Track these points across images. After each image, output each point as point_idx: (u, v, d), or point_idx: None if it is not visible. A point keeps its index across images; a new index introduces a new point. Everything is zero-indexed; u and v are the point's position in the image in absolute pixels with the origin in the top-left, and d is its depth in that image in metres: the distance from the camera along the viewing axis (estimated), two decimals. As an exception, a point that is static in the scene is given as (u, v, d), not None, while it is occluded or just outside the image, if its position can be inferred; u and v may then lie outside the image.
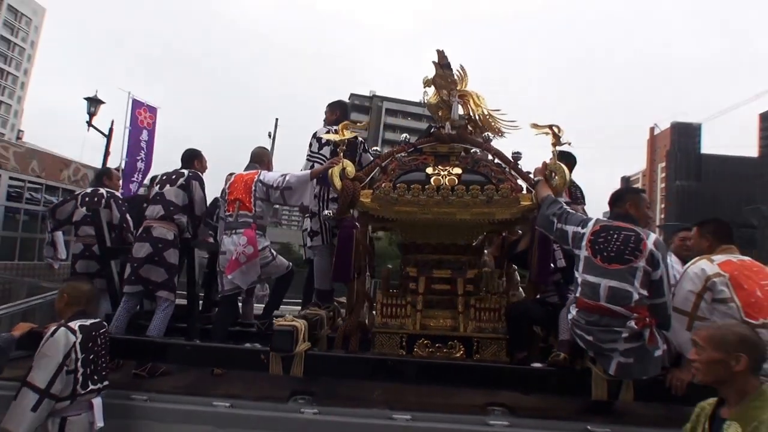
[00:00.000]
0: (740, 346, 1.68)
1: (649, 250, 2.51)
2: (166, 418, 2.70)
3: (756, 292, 2.47)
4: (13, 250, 3.77)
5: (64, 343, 2.22)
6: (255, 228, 3.30)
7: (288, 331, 2.69)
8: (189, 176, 3.53)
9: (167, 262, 3.31)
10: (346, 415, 2.66)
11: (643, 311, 2.48)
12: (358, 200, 3.20)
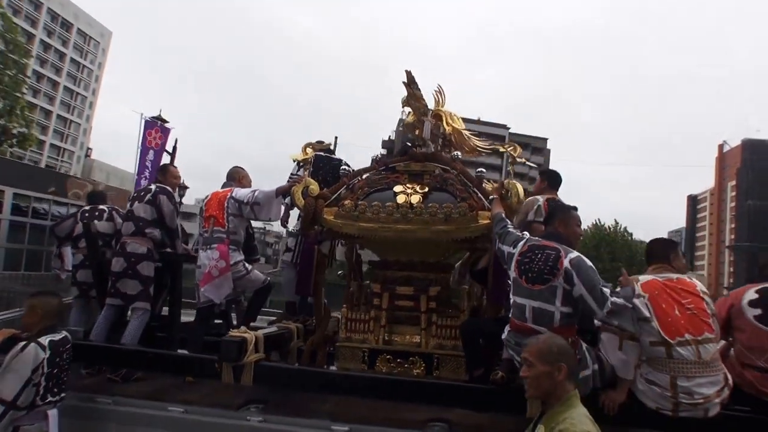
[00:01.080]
0: (561, 356, 1.81)
1: (564, 267, 2.51)
2: (125, 421, 2.95)
3: (674, 311, 2.47)
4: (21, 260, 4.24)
5: (34, 358, 2.39)
6: (228, 243, 3.52)
7: (236, 341, 2.87)
8: (156, 191, 3.78)
9: (141, 275, 3.58)
10: (288, 424, 2.79)
11: (568, 331, 2.48)
12: (321, 217, 3.37)
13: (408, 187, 3.49)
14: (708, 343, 2.42)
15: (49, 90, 60.66)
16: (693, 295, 2.52)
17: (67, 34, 62.43)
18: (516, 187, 3.15)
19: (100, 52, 68.02)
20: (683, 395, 2.39)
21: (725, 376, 2.45)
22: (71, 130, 66.01)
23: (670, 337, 2.43)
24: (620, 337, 2.55)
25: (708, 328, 2.44)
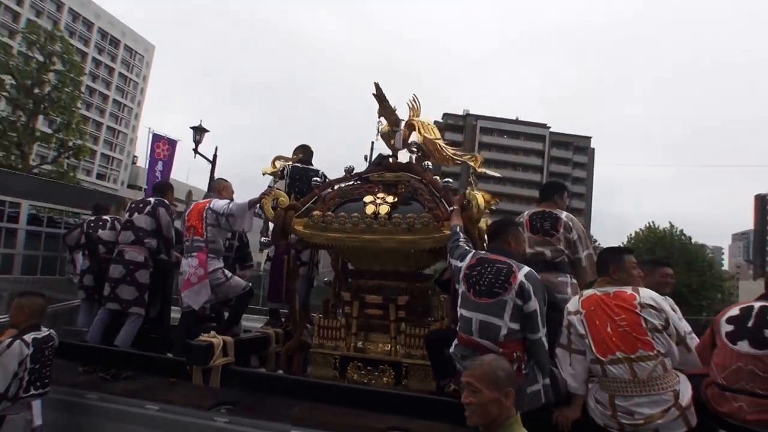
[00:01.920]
0: (508, 381, 1.75)
1: (519, 282, 2.54)
2: (108, 417, 3.24)
3: (606, 328, 2.43)
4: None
5: (18, 354, 2.69)
6: (207, 252, 3.78)
7: (202, 346, 3.11)
8: (155, 203, 4.11)
9: (138, 281, 3.90)
10: (251, 426, 2.97)
11: (514, 346, 2.52)
12: (291, 227, 3.58)
13: (378, 197, 3.65)
14: (645, 361, 2.34)
15: (99, 103, 64.33)
16: (627, 310, 2.43)
17: (115, 51, 66.42)
18: (477, 197, 3.24)
19: (144, 65, 71.92)
20: (622, 414, 2.36)
21: (676, 395, 2.34)
22: (119, 139, 69.75)
23: (602, 355, 2.40)
24: (569, 351, 2.60)
25: (644, 345, 2.35)
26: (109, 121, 66.94)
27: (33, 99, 24.95)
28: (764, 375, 2.32)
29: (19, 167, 24.73)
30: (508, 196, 66.41)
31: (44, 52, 25.28)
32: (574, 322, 2.54)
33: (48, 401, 3.30)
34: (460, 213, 3.20)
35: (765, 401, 2.27)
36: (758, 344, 2.36)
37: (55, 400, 3.34)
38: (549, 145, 68.01)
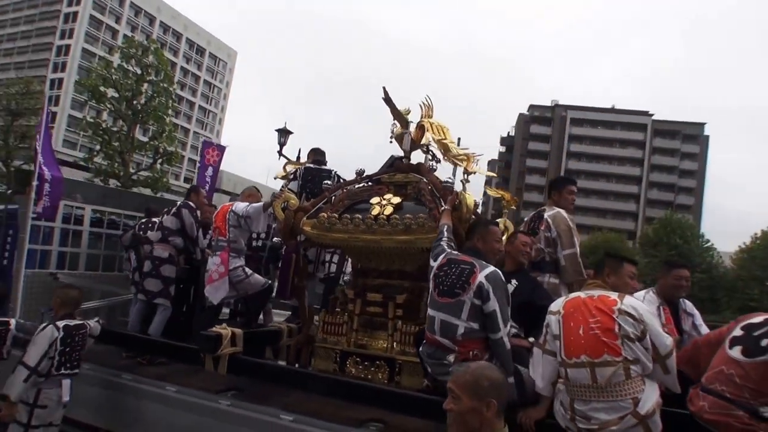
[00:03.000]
0: (492, 391, 1.69)
1: (478, 283, 2.69)
2: (136, 395, 3.83)
3: (579, 330, 2.49)
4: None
5: (50, 336, 3.28)
6: (229, 251, 4.28)
7: (212, 336, 3.58)
8: (180, 206, 4.71)
9: (163, 275, 4.51)
10: (247, 409, 3.39)
11: (471, 345, 2.69)
12: (300, 228, 3.96)
13: (384, 199, 3.94)
14: (607, 367, 2.38)
15: (186, 110, 70.08)
16: (604, 313, 2.47)
17: (201, 59, 72.10)
18: (466, 198, 3.42)
19: (227, 71, 77.41)
20: (580, 419, 2.43)
21: (635, 402, 2.36)
22: (204, 145, 75.35)
23: (567, 357, 2.49)
24: (542, 351, 2.70)
25: (610, 351, 2.39)
26: (195, 127, 72.70)
27: (132, 110, 28.05)
28: (740, 382, 2.32)
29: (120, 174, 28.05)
30: (601, 193, 63.00)
31: (140, 65, 28.33)
32: (552, 323, 2.63)
33: (93, 378, 4.00)
34: (450, 213, 3.39)
35: (726, 404, 2.29)
36: (749, 353, 2.36)
37: (99, 378, 4.04)
38: (651, 135, 63.28)
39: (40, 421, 3.29)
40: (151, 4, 65.60)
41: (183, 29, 69.20)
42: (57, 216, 4.86)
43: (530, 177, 64.99)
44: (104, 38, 60.45)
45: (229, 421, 3.41)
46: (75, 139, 53.98)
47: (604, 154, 64.30)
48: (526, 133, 66.06)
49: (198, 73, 72.52)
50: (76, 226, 5.25)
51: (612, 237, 38.80)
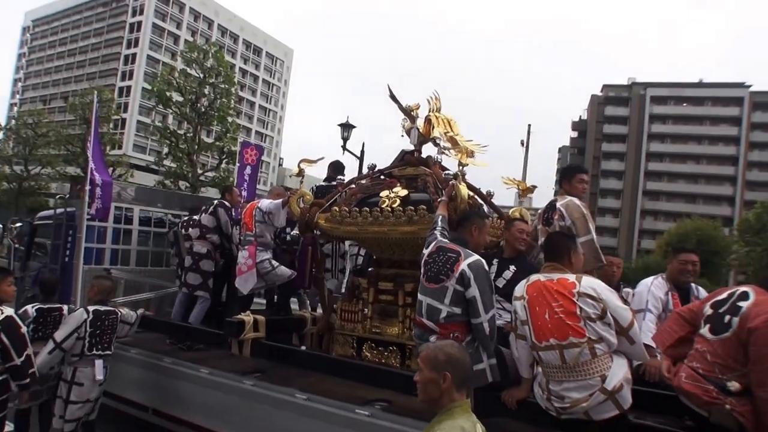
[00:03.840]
0: (447, 365, 1.87)
1: (460, 270, 2.96)
2: (175, 376, 4.42)
3: (544, 315, 2.69)
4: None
5: (79, 318, 3.87)
6: (256, 245, 4.78)
7: (235, 322, 4.08)
8: (216, 205, 5.28)
9: (202, 269, 5.09)
10: (266, 389, 3.85)
11: (452, 327, 2.97)
12: (315, 222, 4.38)
13: (393, 192, 4.28)
14: (573, 348, 2.58)
15: (247, 110, 73.27)
16: (565, 297, 2.65)
17: (258, 59, 75.25)
18: (460, 190, 3.69)
19: (284, 69, 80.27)
20: (555, 398, 2.68)
21: (603, 379, 2.56)
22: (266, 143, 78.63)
23: (538, 341, 2.70)
24: (515, 335, 2.96)
25: (575, 333, 2.58)
26: (257, 126, 75.88)
27: (196, 112, 29.94)
28: (710, 359, 2.49)
29: (189, 175, 30.15)
30: (689, 176, 59.34)
31: (202, 68, 30.13)
32: (518, 308, 2.87)
33: (139, 362, 4.65)
34: (447, 204, 3.67)
35: (700, 379, 2.47)
36: (715, 331, 2.52)
37: (144, 362, 4.68)
38: (749, 109, 58.55)
39: (77, 397, 3.90)
40: (209, 8, 69.19)
41: (239, 31, 72.54)
42: (109, 217, 5.59)
43: (607, 162, 62.36)
44: (167, 44, 64.55)
45: (252, 399, 3.90)
46: (144, 143, 58.07)
47: (692, 134, 60.40)
48: (601, 115, 63.23)
49: (256, 72, 75.71)
50: (126, 225, 5.99)
51: (704, 224, 36.27)
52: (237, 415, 3.98)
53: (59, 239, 5.56)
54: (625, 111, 62.65)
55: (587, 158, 62.61)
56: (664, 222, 54.53)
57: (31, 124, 39.32)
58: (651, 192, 60.27)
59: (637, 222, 59.70)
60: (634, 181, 60.38)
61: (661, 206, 59.52)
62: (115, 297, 5.30)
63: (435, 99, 4.54)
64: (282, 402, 3.73)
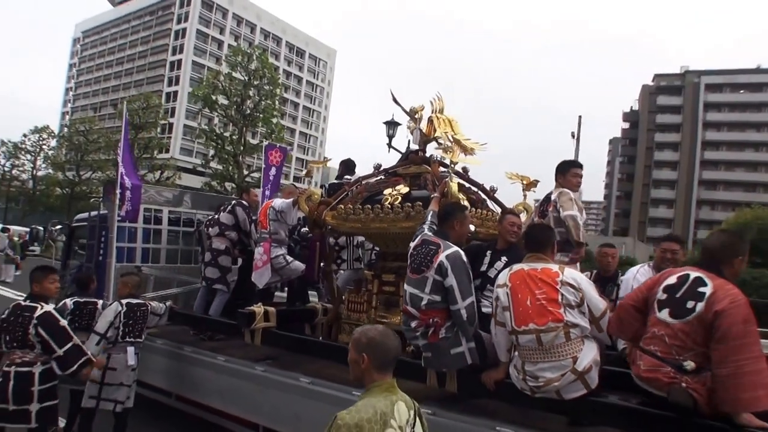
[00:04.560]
0: (367, 348, 2.00)
1: (439, 261, 3.18)
2: (193, 363, 4.81)
3: (526, 301, 2.88)
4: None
5: (115, 310, 4.33)
6: (270, 242, 5.11)
7: (246, 313, 4.41)
8: (234, 204, 5.62)
9: (220, 264, 5.45)
10: (275, 374, 4.17)
11: (432, 313, 3.19)
12: (323, 219, 4.66)
13: (395, 189, 4.51)
14: (550, 332, 2.79)
15: (291, 111, 74.91)
16: (548, 285, 2.85)
17: (301, 60, 76.83)
18: (451, 186, 3.88)
19: (328, 70, 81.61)
20: (529, 378, 2.88)
21: (574, 360, 2.78)
22: (311, 143, 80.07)
23: (517, 326, 2.89)
24: (495, 322, 3.15)
25: (553, 318, 2.79)
26: (301, 127, 77.40)
27: (241, 114, 30.89)
28: (668, 341, 2.61)
29: (235, 176, 31.21)
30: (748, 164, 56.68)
31: (246, 71, 31.02)
32: (500, 295, 3.05)
33: (164, 351, 5.06)
34: (438, 200, 3.88)
35: (657, 362, 2.59)
36: (676, 315, 2.63)
37: (168, 351, 5.09)
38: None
39: (111, 381, 4.32)
40: (251, 13, 71.09)
41: (282, 33, 74.24)
42: (139, 218, 6.06)
43: (660, 153, 60.85)
44: (211, 50, 66.77)
45: (262, 384, 4.24)
46: (191, 146, 60.31)
47: (750, 121, 57.76)
48: (653, 105, 61.71)
49: (299, 74, 77.29)
50: (156, 225, 6.47)
51: (764, 213, 34.53)
52: (250, 398, 4.32)
53: (93, 239, 6.08)
54: (678, 100, 60.85)
55: (639, 149, 61.29)
56: (722, 212, 52.92)
57: (82, 131, 41.51)
58: (707, 181, 58.65)
59: (693, 212, 58.22)
60: (689, 170, 58.89)
61: (719, 196, 57.86)
62: (144, 292, 5.78)
63: (438, 100, 4.74)
64: (288, 386, 4.04)
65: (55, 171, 42.90)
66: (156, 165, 40.60)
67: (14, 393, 3.60)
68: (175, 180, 39.59)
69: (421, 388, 3.55)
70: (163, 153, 45.42)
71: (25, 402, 3.62)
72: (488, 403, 3.31)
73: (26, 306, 3.74)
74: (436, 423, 3.19)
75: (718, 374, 2.42)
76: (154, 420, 5.25)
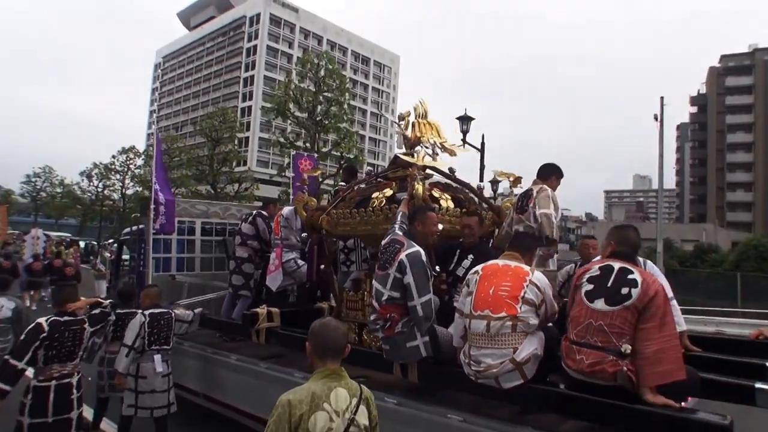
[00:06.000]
0: (310, 336, 2.30)
1: (399, 259, 3.42)
2: (210, 362, 5.32)
3: (489, 290, 3.10)
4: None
5: (139, 321, 4.66)
6: (282, 247, 5.54)
7: (249, 315, 4.84)
8: (254, 215, 6.10)
9: (244, 272, 5.93)
10: (276, 370, 4.56)
11: (390, 309, 3.45)
12: (318, 224, 5.00)
13: (381, 192, 4.77)
14: (500, 321, 2.98)
15: (360, 118, 76.54)
16: (517, 281, 3.08)
17: (366, 68, 78.46)
18: (417, 188, 4.14)
19: (392, 75, 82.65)
20: (473, 362, 3.08)
21: (514, 350, 2.95)
22: (380, 148, 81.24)
23: (474, 310, 3.10)
24: (455, 310, 3.36)
25: (508, 309, 2.99)
26: (370, 133, 78.79)
27: (313, 121, 31.94)
28: (608, 330, 2.72)
29: (307, 184, 32.36)
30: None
31: (316, 78, 31.97)
32: (470, 281, 3.27)
33: (190, 353, 5.60)
34: (408, 201, 4.11)
35: (602, 354, 2.71)
36: (613, 302, 2.76)
37: (192, 352, 5.63)
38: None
39: (144, 388, 4.73)
40: (317, 25, 73.64)
41: (347, 43, 76.30)
42: (174, 230, 6.68)
43: (733, 135, 57.52)
44: (281, 64, 69.75)
45: (264, 380, 4.65)
46: (266, 158, 63.16)
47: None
48: (721, 87, 58.31)
49: (366, 81, 78.96)
50: (189, 236, 7.13)
51: None
52: (255, 393, 4.75)
53: (135, 252, 6.81)
54: (749, 80, 57.32)
55: (710, 132, 58.46)
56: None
57: (165, 150, 44.55)
58: (787, 161, 54.66)
59: (774, 193, 54.17)
60: (765, 151, 55.00)
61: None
62: (180, 298, 6.39)
63: (421, 105, 4.96)
64: (284, 380, 4.37)
65: (142, 189, 46.35)
66: (234, 177, 42.75)
67: (54, 405, 3.96)
68: (253, 191, 41.33)
69: (391, 380, 3.81)
70: (240, 166, 47.74)
71: (66, 411, 4.04)
72: (449, 393, 3.50)
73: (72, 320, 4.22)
74: (398, 412, 3.51)
75: (646, 350, 2.59)
76: (195, 424, 5.70)
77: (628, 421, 2.65)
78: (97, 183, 48.53)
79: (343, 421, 2.15)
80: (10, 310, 5.83)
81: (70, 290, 4.46)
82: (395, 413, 3.51)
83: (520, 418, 3.13)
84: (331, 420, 2.11)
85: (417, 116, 4.93)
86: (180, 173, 42.81)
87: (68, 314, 4.25)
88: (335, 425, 2.12)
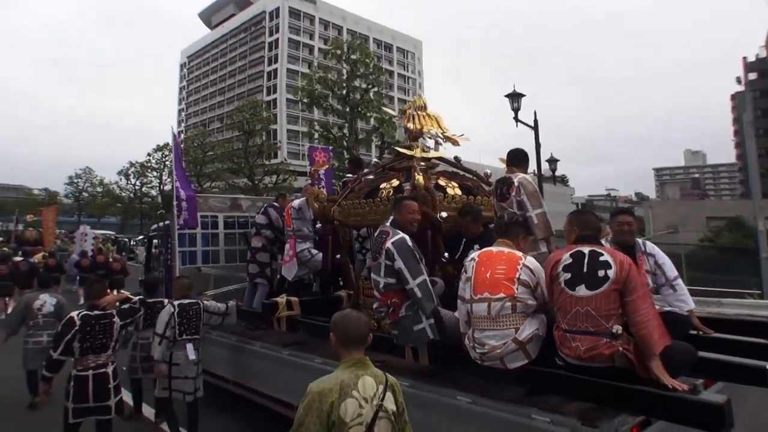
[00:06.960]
0: (332, 327, 2.39)
1: (386, 248, 3.54)
2: (234, 350, 5.52)
3: (486, 274, 3.16)
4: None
5: (168, 311, 4.86)
6: (295, 238, 5.68)
7: (269, 304, 5.00)
8: (266, 206, 6.26)
9: (258, 261, 6.09)
10: (295, 356, 4.70)
11: (390, 295, 3.56)
12: (331, 215, 5.11)
13: (389, 183, 4.85)
14: (500, 302, 3.03)
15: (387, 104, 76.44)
16: (511, 264, 3.14)
17: (390, 55, 78.06)
18: (417, 179, 4.26)
19: (416, 61, 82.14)
20: (477, 345, 3.13)
21: (516, 330, 3.01)
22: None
23: (474, 295, 3.15)
24: (457, 297, 3.42)
25: (506, 289, 3.05)
26: (398, 119, 78.81)
27: (349, 105, 31.47)
28: (596, 314, 2.76)
29: (344, 174, 32.02)
30: None
31: (348, 62, 31.50)
32: (468, 268, 3.32)
33: (216, 342, 5.81)
34: (410, 191, 4.20)
35: (595, 338, 2.75)
36: (593, 286, 2.80)
37: (218, 341, 5.85)
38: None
39: (177, 374, 4.93)
40: (336, 16, 73.50)
41: (368, 31, 75.92)
42: (197, 224, 6.89)
43: None
44: (303, 56, 69.92)
45: (285, 365, 4.81)
46: (296, 150, 63.55)
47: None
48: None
49: (390, 68, 78.55)
50: (212, 230, 7.35)
51: None
52: (279, 377, 4.94)
53: (162, 246, 7.07)
54: None
55: None
56: None
57: (198, 145, 45.19)
58: None
59: None
60: None
61: None
62: (207, 289, 6.62)
63: (419, 98, 5.01)
64: (304, 366, 4.56)
65: (178, 184, 47.19)
66: (271, 169, 42.91)
67: (94, 393, 4.28)
68: (291, 183, 40.86)
69: (404, 363, 3.91)
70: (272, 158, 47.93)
71: (105, 399, 4.33)
72: (458, 376, 3.58)
73: (102, 315, 4.48)
74: (410, 394, 3.55)
75: (635, 322, 2.67)
76: (225, 408, 5.97)
77: (629, 400, 2.70)
78: (134, 181, 49.75)
79: (372, 408, 2.21)
80: (53, 305, 6.38)
81: (98, 286, 4.71)
82: (407, 396, 3.61)
83: (527, 400, 3.18)
84: (361, 407, 2.18)
85: (416, 109, 4.98)
86: (214, 167, 43.34)
87: (99, 309, 4.50)
88: (365, 411, 2.18)
